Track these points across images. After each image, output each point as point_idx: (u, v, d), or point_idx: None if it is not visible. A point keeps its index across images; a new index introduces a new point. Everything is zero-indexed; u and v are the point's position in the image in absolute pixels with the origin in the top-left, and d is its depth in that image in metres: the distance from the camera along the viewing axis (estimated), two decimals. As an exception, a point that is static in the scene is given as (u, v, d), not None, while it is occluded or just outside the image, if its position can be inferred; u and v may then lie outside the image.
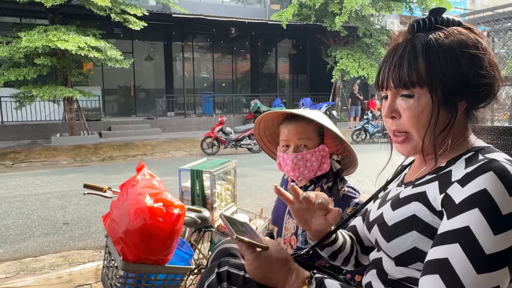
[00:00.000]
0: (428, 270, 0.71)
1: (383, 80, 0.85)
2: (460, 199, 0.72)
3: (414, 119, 0.81)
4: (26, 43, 8.38)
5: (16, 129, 11.33)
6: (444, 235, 0.71)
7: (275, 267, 0.83)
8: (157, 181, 1.64)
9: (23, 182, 6.89)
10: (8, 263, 3.53)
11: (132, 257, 1.49)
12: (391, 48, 0.86)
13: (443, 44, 0.79)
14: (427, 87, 0.79)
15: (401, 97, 0.83)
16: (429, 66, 0.79)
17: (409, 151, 0.86)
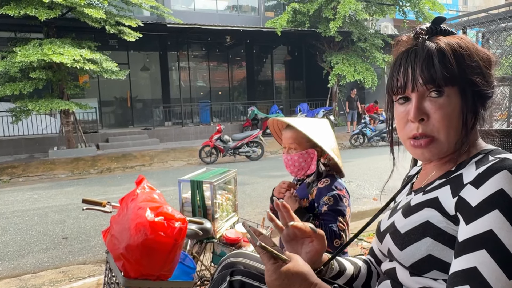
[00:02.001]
0: (457, 282, 0.67)
1: (406, 81, 0.81)
2: (477, 202, 0.69)
3: (446, 119, 0.78)
4: (21, 57, 8.37)
5: (13, 144, 11.27)
6: (468, 242, 0.68)
7: (296, 280, 0.80)
8: (157, 194, 1.61)
9: (21, 197, 6.83)
10: (7, 281, 3.48)
11: (133, 273, 1.46)
12: (404, 52, 0.84)
13: (463, 46, 0.80)
14: (458, 86, 0.78)
15: (429, 97, 0.80)
16: (458, 65, 0.78)
17: (433, 154, 0.82)
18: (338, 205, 1.58)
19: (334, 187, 1.62)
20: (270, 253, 0.81)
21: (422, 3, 13.52)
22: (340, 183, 1.67)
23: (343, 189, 1.63)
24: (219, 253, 2.43)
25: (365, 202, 5.62)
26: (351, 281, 1.04)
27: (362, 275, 1.06)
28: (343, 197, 1.60)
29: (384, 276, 0.92)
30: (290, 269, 0.81)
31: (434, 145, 0.81)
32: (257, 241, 0.80)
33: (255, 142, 9.92)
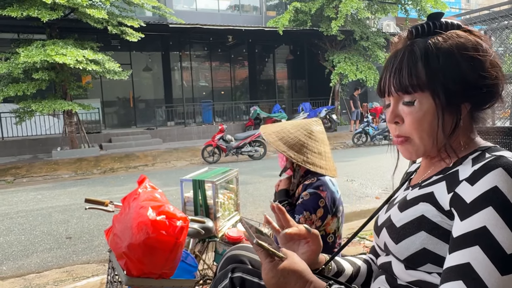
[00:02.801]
0: (450, 277, 0.68)
1: (384, 87, 0.86)
2: (471, 198, 0.70)
3: (416, 123, 0.81)
4: (25, 58, 8.41)
5: (17, 145, 11.33)
6: (462, 238, 0.69)
7: (292, 278, 0.82)
8: (159, 193, 1.62)
9: (25, 197, 6.87)
10: (12, 280, 3.50)
11: (136, 272, 1.47)
12: (391, 55, 0.87)
13: (442, 48, 0.79)
14: (429, 91, 0.79)
15: (402, 102, 0.84)
16: (429, 70, 0.79)
17: (411, 153, 0.86)
18: (311, 203, 1.68)
19: (316, 186, 1.71)
20: (266, 251, 0.82)
21: (424, 1, 13.46)
22: (325, 184, 1.72)
23: (325, 191, 1.70)
24: (221, 252, 2.44)
25: (367, 201, 5.62)
26: (350, 281, 1.05)
27: (362, 274, 1.07)
28: (320, 198, 1.68)
29: (379, 271, 0.94)
30: (286, 266, 0.82)
31: (410, 145, 0.85)
32: (254, 239, 0.81)
33: (258, 142, 9.93)
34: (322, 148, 1.81)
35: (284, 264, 0.82)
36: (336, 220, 1.78)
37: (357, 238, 3.76)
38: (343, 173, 7.66)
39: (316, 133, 1.82)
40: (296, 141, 1.77)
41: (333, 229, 1.78)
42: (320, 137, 1.84)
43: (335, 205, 1.77)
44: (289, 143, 1.76)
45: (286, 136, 1.79)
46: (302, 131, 1.80)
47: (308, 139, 1.79)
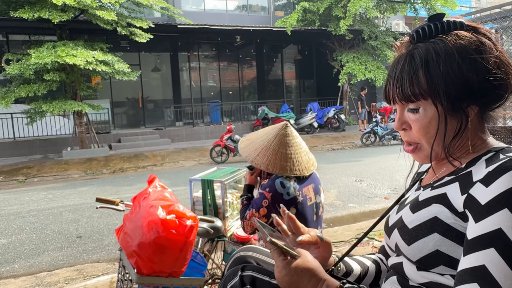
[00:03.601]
0: (465, 279, 0.68)
1: (389, 95, 0.87)
2: (486, 200, 0.70)
3: (423, 130, 0.82)
4: (36, 59, 8.53)
5: (28, 145, 11.48)
6: (476, 240, 0.69)
7: (305, 276, 0.82)
8: (168, 193, 1.63)
9: (36, 197, 6.96)
10: (24, 278, 3.56)
11: (146, 270, 1.49)
12: (393, 61, 0.87)
13: (442, 53, 0.78)
14: (431, 98, 0.79)
15: (408, 109, 0.84)
16: (429, 77, 0.78)
17: (422, 159, 0.87)
18: (257, 201, 1.86)
19: (265, 187, 1.86)
20: (280, 249, 0.82)
21: (434, 0, 13.34)
22: (270, 185, 1.84)
23: (270, 193, 1.82)
24: (229, 252, 2.45)
25: (376, 201, 5.59)
26: (358, 280, 1.05)
27: (370, 274, 1.06)
28: (264, 198, 1.83)
29: (390, 272, 0.93)
30: (300, 265, 0.82)
31: (420, 151, 0.86)
32: (268, 237, 0.81)
33: (266, 142, 9.91)
34: (283, 150, 1.90)
35: (298, 262, 0.82)
36: None
37: (366, 239, 3.75)
38: (352, 173, 7.62)
39: (280, 137, 1.93)
40: (262, 147, 1.91)
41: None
42: (286, 140, 1.93)
43: (279, 205, 1.83)
44: (256, 149, 1.92)
45: (255, 143, 1.94)
46: (272, 141, 1.91)
47: (277, 146, 1.90)
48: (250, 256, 1.21)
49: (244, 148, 1.97)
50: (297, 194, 1.84)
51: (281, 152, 1.88)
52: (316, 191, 1.97)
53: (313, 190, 1.94)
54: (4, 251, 4.28)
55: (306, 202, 1.87)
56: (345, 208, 5.41)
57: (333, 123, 14.45)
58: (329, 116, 14.39)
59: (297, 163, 1.90)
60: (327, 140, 13.03)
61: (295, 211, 1.84)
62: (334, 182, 6.97)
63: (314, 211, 1.93)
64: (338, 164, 8.94)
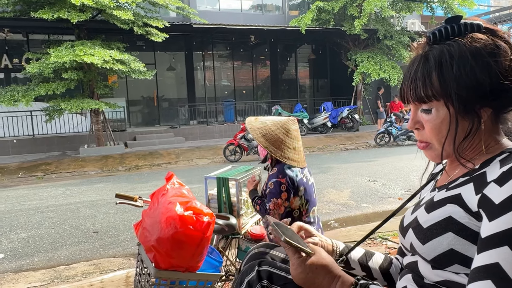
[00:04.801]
0: (479, 277, 0.69)
1: (404, 95, 0.89)
2: (500, 200, 0.71)
3: (435, 130, 0.84)
4: (55, 58, 8.72)
5: (47, 142, 11.75)
6: (490, 238, 0.70)
7: (320, 273, 0.85)
8: (186, 190, 1.68)
9: (54, 192, 7.13)
10: (43, 271, 3.67)
11: (164, 265, 1.53)
12: (410, 62, 0.89)
13: (456, 56, 0.80)
14: (443, 100, 0.81)
15: (421, 109, 0.87)
16: (442, 79, 0.80)
17: (433, 157, 0.90)
18: (275, 190, 2.02)
19: (276, 175, 2.04)
20: (294, 247, 0.85)
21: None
22: (283, 171, 2.04)
23: (284, 177, 2.02)
24: (244, 249, 2.48)
25: (390, 202, 5.55)
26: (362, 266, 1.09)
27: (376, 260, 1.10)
28: (281, 184, 2.02)
29: (405, 270, 0.94)
30: (314, 262, 0.84)
31: (431, 150, 0.89)
32: (282, 236, 0.84)
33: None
34: (296, 144, 2.11)
35: (312, 259, 0.85)
36: (298, 199, 2.09)
37: (379, 239, 3.74)
38: (365, 173, 7.58)
39: (292, 131, 2.11)
40: (276, 138, 2.07)
41: (297, 206, 2.11)
42: (295, 134, 2.13)
43: (295, 186, 2.07)
44: (270, 140, 2.06)
45: (268, 133, 2.08)
46: (281, 129, 2.10)
47: (285, 137, 2.09)
48: (266, 253, 1.24)
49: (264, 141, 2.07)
50: (302, 176, 2.12)
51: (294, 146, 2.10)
52: (310, 173, 2.25)
53: (308, 173, 2.21)
54: (24, 245, 4.41)
55: (308, 182, 2.16)
56: (358, 208, 5.40)
57: (346, 123, 14.37)
58: (343, 116, 14.31)
59: (302, 156, 2.15)
60: (341, 140, 12.96)
61: (304, 190, 2.11)
62: (348, 182, 6.94)
63: (313, 190, 2.21)
64: (351, 164, 8.89)
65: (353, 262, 1.09)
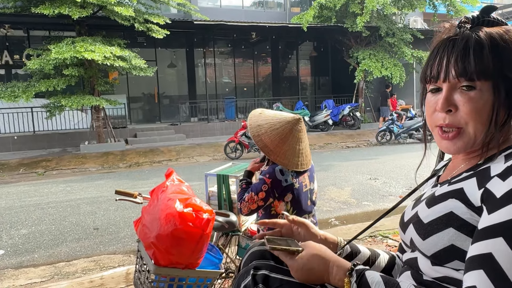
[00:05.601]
0: (472, 266, 0.69)
1: (439, 72, 0.82)
2: (501, 193, 0.70)
3: (475, 113, 0.78)
4: (56, 55, 8.70)
5: (47, 138, 11.75)
6: (486, 229, 0.70)
7: (313, 263, 0.85)
8: (185, 187, 1.67)
9: (55, 189, 7.13)
10: (43, 268, 3.67)
11: (163, 262, 1.52)
12: (443, 41, 0.84)
13: (506, 41, 0.78)
14: (492, 81, 0.77)
15: (460, 89, 0.80)
16: (496, 60, 0.77)
17: (459, 147, 0.83)
18: (257, 186, 1.98)
19: (265, 173, 1.99)
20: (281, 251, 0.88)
21: (454, -4, 13.07)
22: (272, 173, 1.97)
23: (270, 179, 1.96)
24: (244, 246, 2.48)
25: (391, 200, 5.54)
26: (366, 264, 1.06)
27: (380, 263, 1.07)
28: (264, 183, 1.96)
29: (405, 267, 0.93)
30: (304, 256, 0.86)
31: (461, 138, 0.81)
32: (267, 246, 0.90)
33: (280, 138, 9.91)
34: (297, 146, 2.01)
35: (301, 254, 0.86)
36: (283, 204, 2.02)
37: (380, 237, 3.73)
38: (366, 171, 7.57)
39: (295, 132, 2.01)
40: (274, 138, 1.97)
41: (282, 211, 2.03)
42: (298, 136, 2.02)
43: (280, 191, 1.99)
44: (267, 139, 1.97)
45: (267, 132, 1.98)
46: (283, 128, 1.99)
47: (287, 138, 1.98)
48: (266, 250, 1.23)
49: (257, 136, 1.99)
50: (294, 181, 2.00)
51: (294, 148, 1.99)
52: (311, 178, 2.13)
53: (308, 178, 2.11)
54: (24, 241, 4.42)
55: (302, 188, 2.05)
56: (359, 206, 5.39)
57: (348, 120, 14.34)
58: (344, 114, 14.28)
59: (304, 157, 2.03)
60: (342, 137, 12.94)
61: (292, 196, 2.01)
62: (349, 180, 6.93)
63: (309, 197, 2.10)
64: (352, 162, 8.88)
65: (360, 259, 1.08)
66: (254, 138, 1.98)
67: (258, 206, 1.97)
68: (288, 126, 1.98)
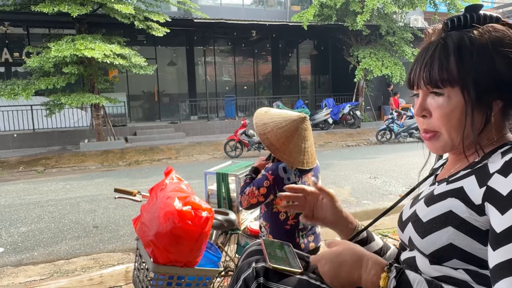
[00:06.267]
0: (503, 274, 0.67)
1: (414, 79, 0.86)
2: (508, 191, 0.69)
3: (445, 118, 0.81)
4: (55, 52, 8.69)
5: (47, 136, 11.74)
6: (506, 232, 0.68)
7: (346, 255, 0.85)
8: (185, 185, 1.66)
9: (54, 187, 7.13)
10: (43, 265, 3.67)
11: (162, 260, 1.52)
12: (424, 47, 0.86)
13: (476, 43, 0.77)
14: (459, 87, 0.78)
15: (431, 94, 0.83)
16: (461, 65, 0.78)
17: (437, 148, 0.86)
18: (259, 181, 1.99)
19: (268, 169, 2.00)
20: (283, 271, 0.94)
21: (455, -6, 13.04)
22: (275, 170, 1.98)
23: (272, 175, 1.97)
24: (243, 245, 2.47)
25: (390, 199, 5.54)
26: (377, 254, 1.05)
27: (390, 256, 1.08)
28: (266, 179, 1.96)
29: (403, 266, 0.93)
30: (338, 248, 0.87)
31: (438, 140, 0.85)
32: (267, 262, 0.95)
33: (280, 137, 9.91)
34: (302, 144, 2.01)
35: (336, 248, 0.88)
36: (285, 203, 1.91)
37: (379, 236, 3.73)
38: (366, 170, 7.57)
39: (300, 131, 2.00)
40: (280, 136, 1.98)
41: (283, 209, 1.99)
42: (303, 134, 2.02)
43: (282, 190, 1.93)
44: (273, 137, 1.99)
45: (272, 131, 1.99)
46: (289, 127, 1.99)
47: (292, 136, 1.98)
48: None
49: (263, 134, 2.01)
50: (297, 180, 2.00)
51: (300, 146, 1.99)
52: (316, 178, 2.10)
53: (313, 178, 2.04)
54: (24, 239, 4.41)
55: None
56: (359, 205, 5.39)
57: (348, 119, 14.33)
58: (344, 112, 14.27)
59: (310, 156, 2.02)
60: (342, 136, 12.94)
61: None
62: (348, 178, 6.93)
63: None
64: (352, 160, 8.88)
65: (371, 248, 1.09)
66: (260, 136, 1.98)
67: (258, 201, 1.98)
68: (294, 124, 1.98)
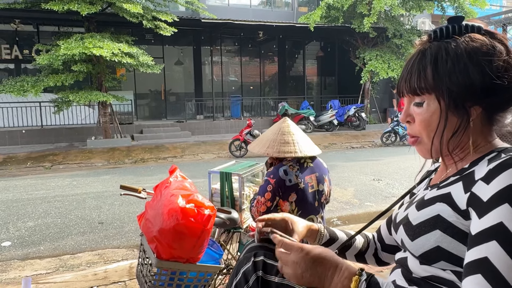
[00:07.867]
0: (469, 272, 0.71)
1: (400, 88, 0.92)
2: (487, 197, 0.73)
3: (424, 123, 0.87)
4: (64, 50, 8.79)
5: (55, 133, 11.88)
6: (479, 234, 0.72)
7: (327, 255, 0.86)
8: (188, 183, 1.71)
9: (61, 183, 7.23)
10: (48, 260, 3.74)
11: (165, 255, 1.57)
12: (409, 57, 0.91)
13: (451, 52, 0.82)
14: (435, 94, 0.84)
15: (414, 102, 0.89)
16: (436, 73, 0.83)
17: (423, 152, 0.92)
18: (262, 188, 2.01)
19: (270, 174, 2.02)
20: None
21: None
22: (276, 173, 2.00)
23: (274, 179, 1.99)
24: (245, 243, 2.52)
25: (393, 201, 5.55)
26: (344, 248, 1.14)
27: (356, 246, 1.16)
28: (269, 183, 1.99)
29: (396, 265, 0.98)
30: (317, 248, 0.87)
31: (419, 145, 0.91)
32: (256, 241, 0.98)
33: (285, 138, 9.94)
34: (288, 138, 2.08)
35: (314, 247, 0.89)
36: (288, 204, 2.01)
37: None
38: (370, 172, 7.58)
39: (284, 128, 2.11)
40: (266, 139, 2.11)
41: (287, 211, 2.02)
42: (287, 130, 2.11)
43: (284, 191, 2.00)
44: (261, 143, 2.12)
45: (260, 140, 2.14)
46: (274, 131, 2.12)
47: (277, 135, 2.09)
48: (263, 247, 1.27)
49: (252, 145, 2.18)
50: (299, 181, 2.00)
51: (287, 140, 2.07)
52: (320, 180, 2.09)
53: (316, 179, 2.08)
54: (31, 233, 4.50)
55: (307, 189, 2.02)
56: (362, 206, 5.41)
57: (353, 121, 14.32)
58: (349, 114, 14.27)
59: (302, 145, 2.07)
60: (347, 138, 12.93)
61: (296, 197, 2.01)
62: (352, 180, 6.95)
63: (316, 198, 2.07)
64: (356, 162, 8.89)
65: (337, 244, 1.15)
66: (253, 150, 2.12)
67: (267, 207, 1.99)
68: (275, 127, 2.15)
